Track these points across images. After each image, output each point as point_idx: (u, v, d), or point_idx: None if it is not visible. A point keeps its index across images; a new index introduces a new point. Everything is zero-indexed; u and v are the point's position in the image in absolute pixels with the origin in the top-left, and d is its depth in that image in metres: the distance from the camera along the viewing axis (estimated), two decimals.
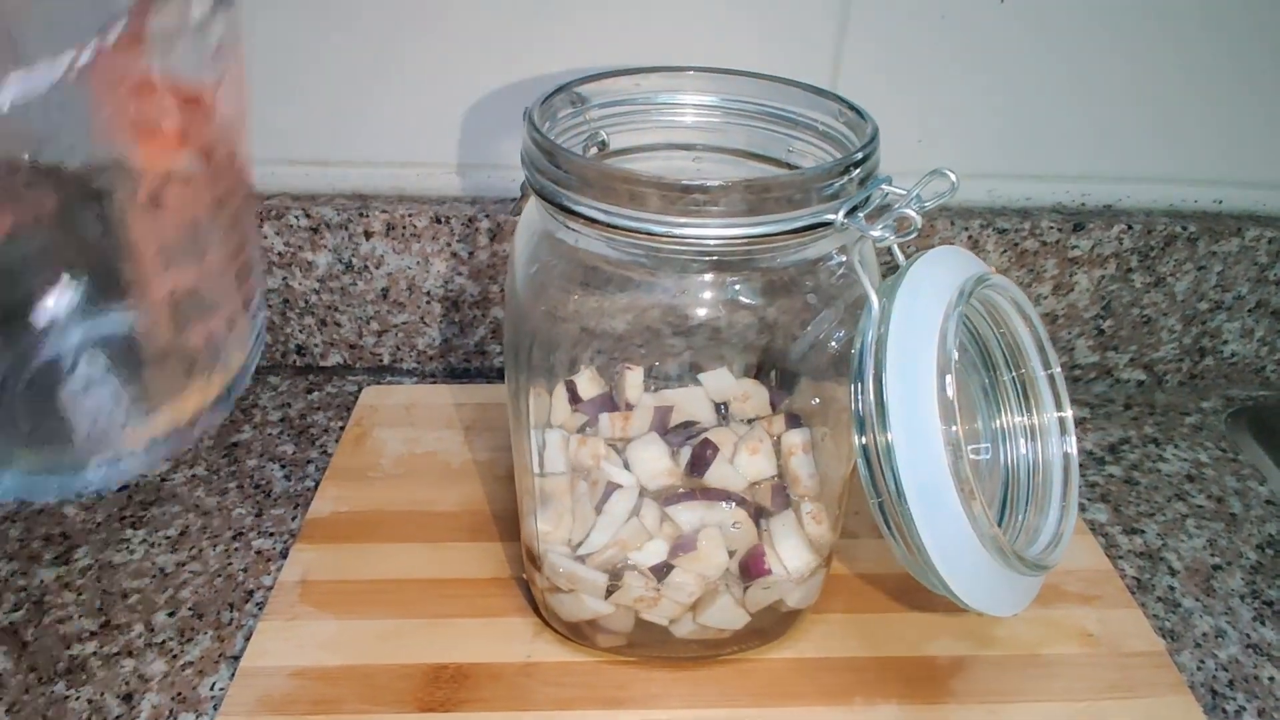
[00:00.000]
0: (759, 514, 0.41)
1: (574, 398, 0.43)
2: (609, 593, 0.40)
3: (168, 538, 0.50)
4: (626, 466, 0.41)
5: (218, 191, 0.30)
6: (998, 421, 0.43)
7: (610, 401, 0.43)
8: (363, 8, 0.54)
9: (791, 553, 0.40)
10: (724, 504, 0.40)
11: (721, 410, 0.43)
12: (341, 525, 0.50)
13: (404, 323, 0.62)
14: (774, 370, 0.44)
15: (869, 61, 0.56)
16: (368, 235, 0.58)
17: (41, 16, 0.26)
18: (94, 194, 0.27)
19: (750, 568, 0.40)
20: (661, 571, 0.40)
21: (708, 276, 0.36)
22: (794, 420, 0.43)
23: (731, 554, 0.40)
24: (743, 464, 0.41)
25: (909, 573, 0.37)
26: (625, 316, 0.40)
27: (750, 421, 0.43)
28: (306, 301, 0.61)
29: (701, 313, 0.37)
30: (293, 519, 0.51)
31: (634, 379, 0.42)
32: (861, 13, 0.54)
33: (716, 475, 0.40)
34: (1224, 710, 0.42)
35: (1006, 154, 0.59)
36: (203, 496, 0.53)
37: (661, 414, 0.42)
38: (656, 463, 0.40)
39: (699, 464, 0.40)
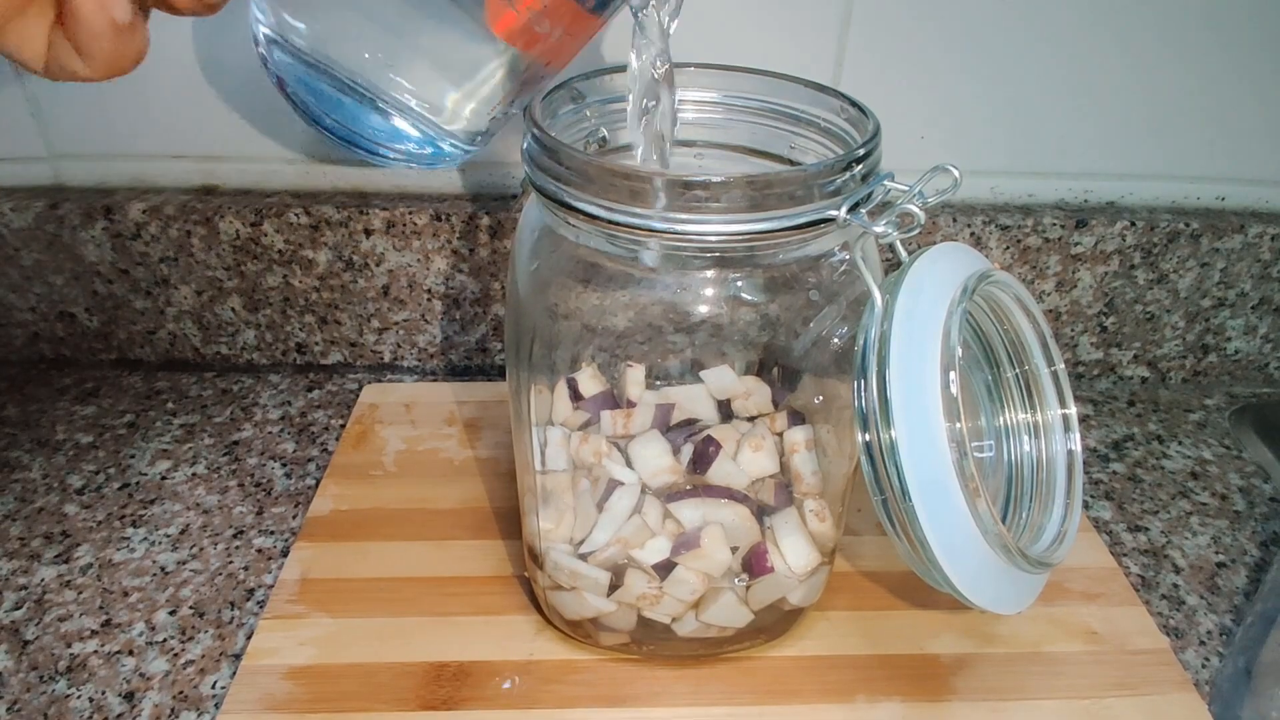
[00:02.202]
0: (761, 511, 0.41)
1: (575, 395, 0.43)
2: (611, 590, 0.40)
3: (168, 536, 0.50)
4: (628, 464, 0.41)
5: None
6: (1001, 419, 0.43)
7: (612, 399, 0.43)
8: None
9: (794, 550, 0.40)
10: (726, 501, 0.40)
11: (723, 408, 0.43)
12: (342, 523, 0.50)
13: (404, 320, 0.62)
14: (776, 367, 0.44)
15: (871, 58, 0.56)
16: (368, 233, 0.58)
17: None
18: None
19: (754, 565, 0.40)
20: (664, 569, 0.40)
21: (709, 273, 0.36)
22: (796, 417, 0.43)
23: (734, 551, 0.40)
24: (745, 461, 0.40)
25: (912, 570, 0.37)
26: (626, 314, 0.40)
27: (752, 419, 0.43)
28: (307, 299, 0.61)
29: (703, 310, 0.37)
30: (293, 517, 0.51)
31: (635, 376, 0.42)
32: (864, 9, 0.54)
33: (719, 472, 0.40)
34: (1223, 705, 0.42)
35: (1009, 151, 0.59)
36: (203, 495, 0.53)
37: (663, 411, 0.42)
38: (658, 460, 0.40)
39: (701, 461, 0.40)
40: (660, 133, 0.39)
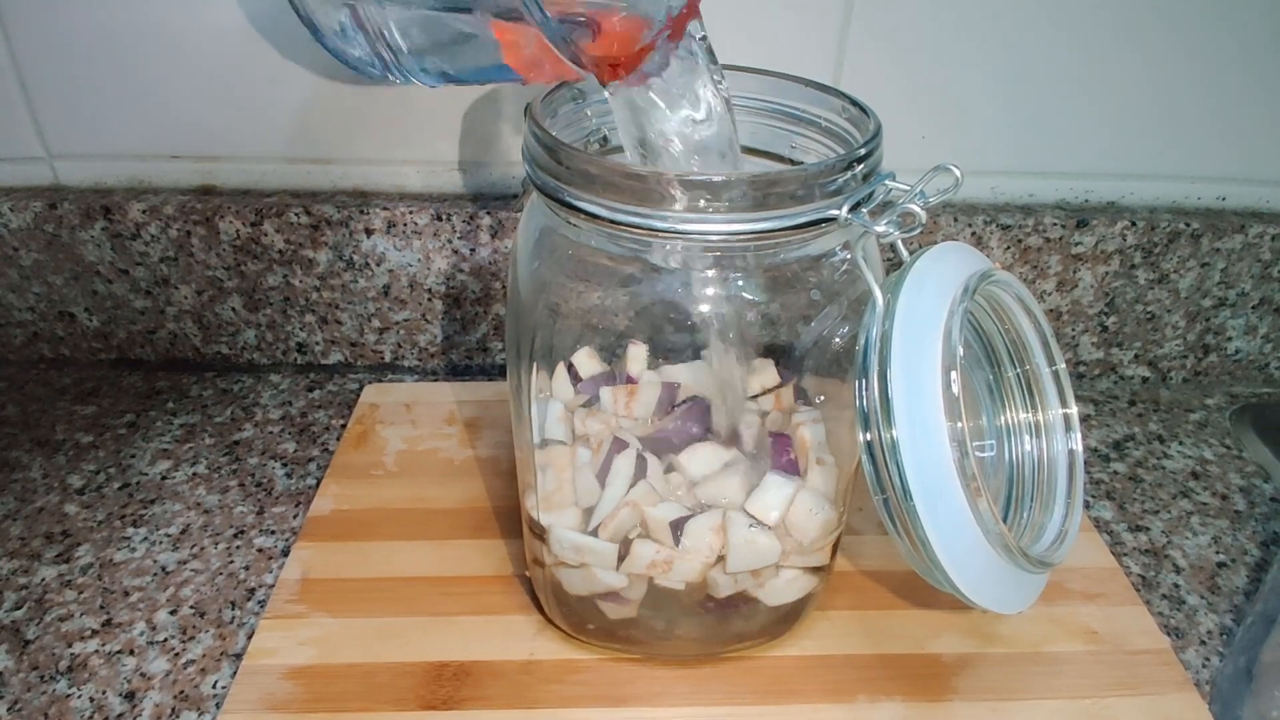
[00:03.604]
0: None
1: (575, 379, 0.43)
2: (619, 561, 0.39)
3: (169, 535, 0.50)
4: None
5: None
6: (1002, 418, 0.43)
7: (612, 379, 0.42)
8: None
9: (798, 506, 0.39)
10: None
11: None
12: (343, 523, 0.50)
13: (405, 320, 0.62)
14: (777, 366, 0.44)
15: (872, 57, 0.56)
16: (368, 232, 0.58)
17: None
18: None
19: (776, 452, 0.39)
20: (678, 529, 0.39)
21: (710, 273, 0.36)
22: (804, 395, 0.42)
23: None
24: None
25: (913, 570, 0.37)
26: (627, 313, 0.40)
27: (757, 396, 0.42)
28: (307, 299, 0.61)
29: (704, 309, 0.37)
30: (294, 517, 0.51)
31: (637, 353, 0.42)
32: (864, 8, 0.54)
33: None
34: (1223, 705, 0.42)
35: (1010, 150, 0.59)
36: (204, 494, 0.53)
37: (668, 390, 0.41)
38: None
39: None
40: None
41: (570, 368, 0.42)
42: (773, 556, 0.40)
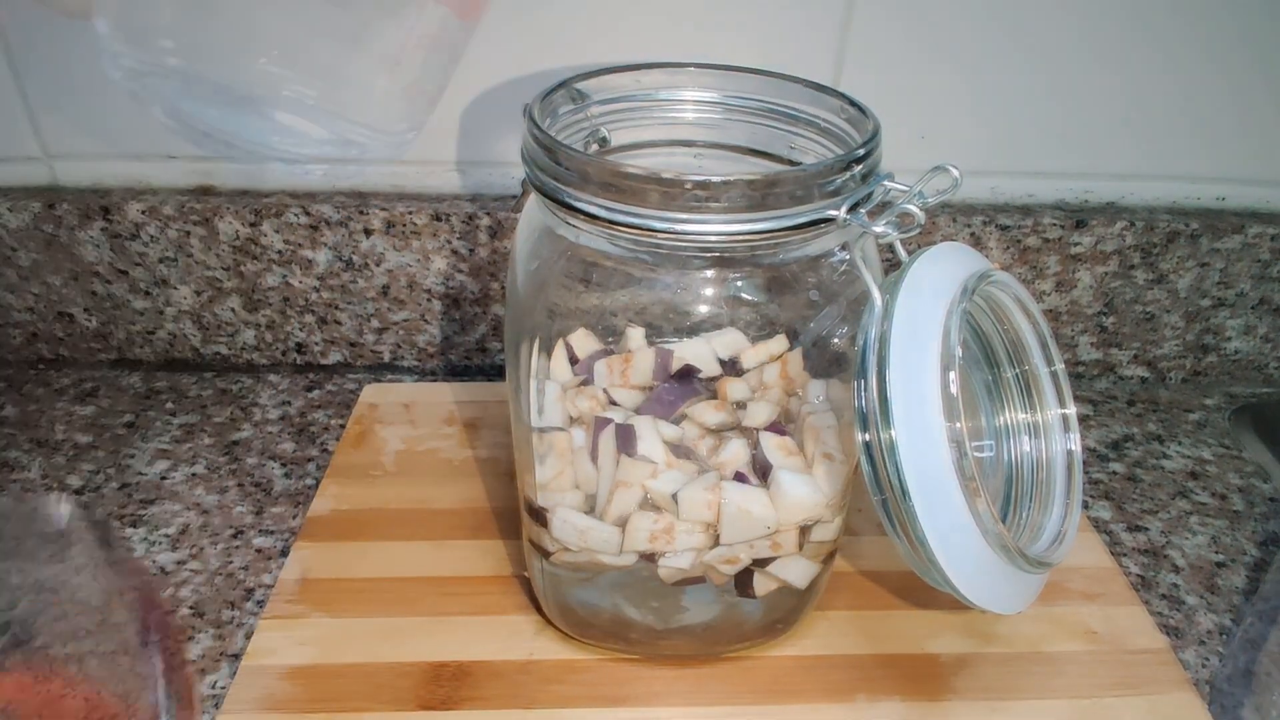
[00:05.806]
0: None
1: (572, 360, 0.43)
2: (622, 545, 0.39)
3: (168, 536, 0.50)
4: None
5: None
6: (1001, 418, 0.43)
7: (608, 355, 0.42)
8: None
9: (799, 487, 0.39)
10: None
11: (728, 367, 0.42)
12: (342, 523, 0.50)
13: (404, 320, 0.62)
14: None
15: (871, 58, 0.56)
16: (367, 233, 0.58)
17: None
18: None
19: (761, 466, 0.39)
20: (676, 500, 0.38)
21: (709, 273, 0.36)
22: (813, 367, 0.41)
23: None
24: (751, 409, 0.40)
25: (912, 570, 0.37)
26: (626, 313, 0.40)
27: (763, 365, 0.42)
28: (306, 299, 0.61)
29: (703, 309, 0.37)
30: (293, 517, 0.51)
31: (635, 334, 0.42)
32: (864, 9, 0.54)
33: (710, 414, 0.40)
34: (1222, 705, 0.42)
35: (1009, 151, 0.59)
36: (203, 494, 0.53)
37: (664, 357, 0.41)
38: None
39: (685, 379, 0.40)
40: None
41: (568, 346, 0.42)
42: (764, 527, 0.38)
